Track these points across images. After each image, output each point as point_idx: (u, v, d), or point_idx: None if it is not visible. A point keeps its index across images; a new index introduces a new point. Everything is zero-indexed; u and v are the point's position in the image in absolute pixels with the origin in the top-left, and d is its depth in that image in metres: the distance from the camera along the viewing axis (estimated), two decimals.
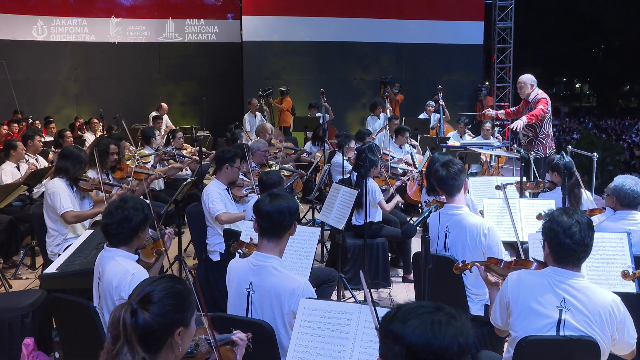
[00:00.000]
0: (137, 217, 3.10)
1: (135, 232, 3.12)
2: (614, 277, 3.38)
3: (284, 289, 2.80)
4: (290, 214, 2.90)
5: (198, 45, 14.54)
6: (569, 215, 2.62)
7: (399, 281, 5.96)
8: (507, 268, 2.95)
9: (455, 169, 3.80)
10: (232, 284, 3.02)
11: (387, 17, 13.97)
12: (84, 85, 14.02)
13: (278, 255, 2.93)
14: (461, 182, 3.83)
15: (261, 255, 2.91)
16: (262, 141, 7.16)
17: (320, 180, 6.66)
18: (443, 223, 3.77)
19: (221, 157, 5.20)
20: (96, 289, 3.14)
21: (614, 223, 3.95)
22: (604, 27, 33.00)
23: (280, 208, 2.87)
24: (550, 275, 2.62)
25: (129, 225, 3.08)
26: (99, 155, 5.56)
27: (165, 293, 1.91)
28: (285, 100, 12.32)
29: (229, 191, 5.17)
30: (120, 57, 14.06)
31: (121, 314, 1.85)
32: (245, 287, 2.90)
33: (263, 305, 2.86)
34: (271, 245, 2.91)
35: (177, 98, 14.72)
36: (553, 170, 5.20)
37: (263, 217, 2.88)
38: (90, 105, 13.63)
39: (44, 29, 13.57)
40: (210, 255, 5.12)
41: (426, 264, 3.02)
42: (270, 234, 2.90)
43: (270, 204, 2.88)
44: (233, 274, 3.03)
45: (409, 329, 1.53)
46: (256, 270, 2.89)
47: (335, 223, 5.06)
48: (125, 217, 3.07)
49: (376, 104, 10.81)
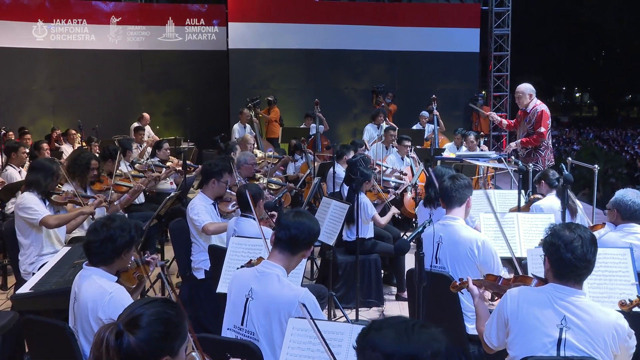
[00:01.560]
0: (123, 238, 3.08)
1: (118, 254, 3.10)
2: (617, 294, 3.36)
3: (283, 299, 2.83)
4: (310, 234, 2.97)
5: (182, 52, 14.53)
6: (571, 229, 2.65)
7: (393, 299, 5.97)
8: (505, 285, 2.97)
9: (462, 182, 3.94)
10: (231, 292, 3.04)
11: (380, 23, 14.07)
12: (61, 95, 13.96)
13: (286, 269, 2.97)
14: (463, 196, 3.93)
15: (268, 263, 2.96)
16: (249, 153, 7.17)
17: (309, 193, 6.67)
18: (437, 233, 3.84)
19: (208, 171, 5.20)
20: (72, 310, 3.12)
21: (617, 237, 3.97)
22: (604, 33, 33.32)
23: (301, 225, 2.94)
24: (550, 291, 2.64)
25: (113, 246, 3.07)
26: (79, 170, 5.52)
27: (154, 318, 1.89)
28: (272, 111, 12.35)
29: (215, 206, 5.17)
30: (100, 65, 13.99)
31: (105, 335, 1.83)
32: (244, 294, 2.93)
33: (259, 314, 2.87)
34: (281, 257, 2.96)
35: (160, 108, 14.69)
36: (540, 181, 5.36)
37: (282, 228, 2.96)
38: (68, 116, 13.54)
39: (18, 35, 13.50)
40: (195, 273, 5.11)
41: (420, 282, 3.03)
42: (284, 246, 2.96)
43: (293, 218, 2.96)
44: (235, 282, 3.05)
45: (384, 336, 1.70)
46: (260, 276, 2.93)
47: (326, 239, 5.07)
48: (110, 237, 3.06)
49: (378, 112, 10.92)
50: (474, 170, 8.22)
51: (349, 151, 7.60)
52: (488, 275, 3.10)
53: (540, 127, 6.92)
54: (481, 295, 3.12)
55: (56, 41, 13.80)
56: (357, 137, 9.71)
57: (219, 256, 4.23)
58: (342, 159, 7.47)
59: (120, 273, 3.23)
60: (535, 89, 7.18)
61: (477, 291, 3.11)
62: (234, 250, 3.95)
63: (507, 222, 4.71)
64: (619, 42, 33.64)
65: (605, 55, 40.52)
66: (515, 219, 4.74)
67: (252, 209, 4.16)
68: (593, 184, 7.53)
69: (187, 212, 5.09)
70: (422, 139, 10.76)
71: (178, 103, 14.46)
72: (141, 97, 14.56)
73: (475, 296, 3.12)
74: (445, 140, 10.92)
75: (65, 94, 13.97)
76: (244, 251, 3.85)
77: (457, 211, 3.93)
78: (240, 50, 13.70)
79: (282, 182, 7.65)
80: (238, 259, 3.77)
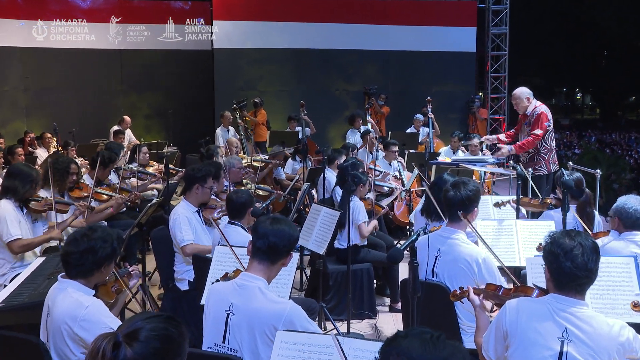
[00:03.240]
0: (104, 250, 3.06)
1: (98, 266, 3.08)
2: (621, 305, 3.39)
3: (268, 313, 2.82)
4: (289, 241, 2.97)
5: (164, 52, 14.50)
6: (571, 237, 2.66)
7: (386, 311, 5.97)
8: (506, 295, 2.98)
9: (467, 194, 3.85)
10: (210, 308, 3.02)
11: (372, 22, 14.12)
12: (35, 96, 13.87)
13: (266, 280, 2.96)
14: (469, 209, 3.85)
15: (248, 276, 2.94)
16: (237, 157, 7.18)
17: (299, 200, 6.68)
18: (435, 245, 3.82)
19: (191, 177, 5.18)
20: (44, 325, 3.09)
21: (620, 246, 4.00)
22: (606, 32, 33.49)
23: (280, 232, 2.93)
24: (550, 302, 2.65)
25: (93, 258, 3.04)
26: (58, 175, 5.48)
27: (154, 334, 1.87)
28: (259, 113, 12.34)
29: (199, 213, 5.16)
30: (77, 64, 13.92)
31: (103, 344, 1.82)
32: (224, 309, 2.91)
33: (242, 330, 2.86)
34: (261, 268, 2.95)
35: (141, 110, 14.66)
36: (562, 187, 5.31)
37: (260, 237, 2.94)
38: (43, 118, 13.48)
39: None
40: (178, 284, 5.09)
41: (415, 292, 3.04)
42: (263, 256, 2.95)
43: (270, 225, 2.95)
44: (213, 297, 3.03)
45: (410, 343, 1.76)
46: (240, 290, 2.91)
47: (316, 247, 5.07)
48: (91, 248, 3.04)
49: (354, 116, 10.95)
50: (471, 176, 8.24)
51: (341, 155, 7.62)
52: (489, 284, 3.12)
53: (536, 128, 6.95)
54: (482, 306, 3.12)
55: (30, 39, 13.69)
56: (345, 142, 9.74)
57: (204, 266, 4.22)
58: (334, 163, 7.48)
59: (98, 287, 3.20)
60: (532, 91, 7.22)
61: (479, 301, 3.12)
62: (220, 260, 3.93)
63: (505, 230, 4.72)
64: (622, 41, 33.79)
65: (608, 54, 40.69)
66: (514, 226, 4.75)
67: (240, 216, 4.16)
68: (595, 190, 7.58)
69: (169, 222, 5.07)
70: (416, 143, 10.77)
71: (160, 105, 14.42)
72: (121, 99, 14.52)
73: (477, 306, 3.12)
74: (441, 144, 10.95)
75: (40, 95, 13.88)
76: (230, 261, 3.84)
77: (460, 224, 3.88)
78: (226, 50, 13.70)
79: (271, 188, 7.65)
80: (224, 269, 3.75)
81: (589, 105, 56.14)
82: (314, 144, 11.08)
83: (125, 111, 13.67)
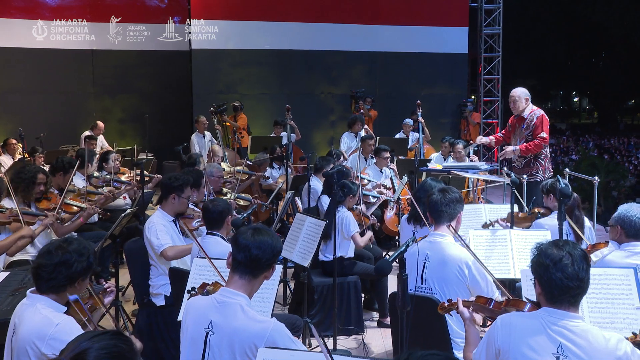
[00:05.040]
0: (79, 264, 3.04)
1: (72, 282, 3.05)
2: (621, 319, 3.39)
3: (250, 332, 2.81)
4: (273, 253, 2.95)
5: (139, 53, 14.47)
6: (559, 247, 2.69)
7: (374, 326, 5.98)
8: (497, 309, 3.00)
9: (452, 196, 3.98)
10: (187, 326, 3.00)
11: (359, 22, 14.18)
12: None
13: (248, 295, 2.95)
14: (454, 212, 3.98)
15: (228, 291, 2.93)
16: (216, 165, 7.18)
17: (282, 209, 6.69)
18: (422, 251, 3.87)
19: (168, 186, 5.18)
20: (9, 344, 3.05)
21: (620, 258, 4.01)
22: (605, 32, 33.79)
23: (262, 244, 2.92)
24: (542, 316, 2.67)
25: (67, 272, 3.02)
26: (23, 184, 5.43)
27: (104, 352, 1.86)
28: (239, 118, 12.32)
29: (176, 223, 5.16)
30: (45, 65, 13.85)
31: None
32: (203, 328, 2.90)
33: (222, 349, 2.85)
34: (242, 283, 2.94)
35: (115, 115, 14.60)
36: (548, 194, 5.34)
37: (241, 249, 2.92)
38: (7, 123, 13.38)
39: None
40: (154, 299, 5.07)
41: (404, 306, 3.05)
42: (245, 270, 2.94)
43: (252, 237, 2.93)
44: (191, 314, 3.01)
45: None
46: (220, 307, 2.90)
47: (300, 259, 5.08)
48: (65, 262, 3.01)
49: (355, 119, 10.93)
50: (463, 183, 8.30)
51: (329, 164, 7.61)
52: (478, 297, 3.13)
53: (540, 132, 7.02)
54: (472, 319, 3.14)
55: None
56: (333, 147, 9.72)
57: (181, 280, 4.21)
58: (321, 172, 7.49)
59: (69, 303, 3.19)
60: (530, 94, 7.30)
61: (468, 314, 3.13)
62: (198, 273, 3.92)
63: (499, 240, 4.75)
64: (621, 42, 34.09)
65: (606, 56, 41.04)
66: (508, 237, 4.77)
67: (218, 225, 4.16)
68: (593, 197, 7.64)
69: (144, 231, 5.06)
70: (405, 149, 10.82)
71: (135, 109, 14.39)
72: (93, 103, 14.46)
73: (466, 319, 3.14)
74: (431, 150, 11.00)
75: (4, 98, 13.76)
76: (209, 273, 3.84)
77: (446, 228, 3.96)
78: (205, 51, 13.70)
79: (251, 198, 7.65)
80: None
81: (587, 108, 56.65)
82: (300, 150, 11.09)
83: (97, 115, 13.61)
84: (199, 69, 13.76)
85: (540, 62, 36.84)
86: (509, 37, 15.89)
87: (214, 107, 11.85)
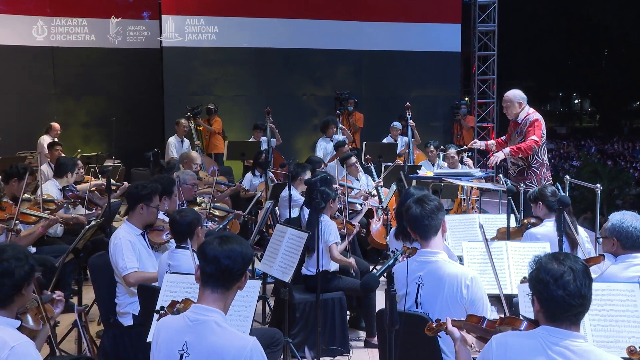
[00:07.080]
0: (21, 269, 3.05)
1: (18, 290, 3.06)
2: (626, 338, 3.40)
3: (227, 350, 2.80)
4: (244, 261, 2.94)
5: (105, 51, 14.37)
6: (559, 261, 2.67)
7: (361, 346, 5.98)
8: (490, 328, 3.00)
9: (432, 205, 3.81)
10: (159, 348, 2.98)
11: (344, 18, 14.20)
12: None
13: (222, 310, 2.94)
14: (438, 222, 3.83)
15: (201, 308, 2.92)
16: (190, 172, 7.15)
17: (261, 220, 6.67)
18: (415, 273, 3.77)
19: (134, 195, 5.15)
20: None
21: (620, 271, 4.03)
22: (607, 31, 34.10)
23: (232, 253, 2.90)
24: (542, 335, 2.66)
25: (11, 281, 3.02)
26: None
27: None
28: (214, 121, 12.29)
29: (144, 236, 5.13)
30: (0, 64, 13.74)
31: None
32: (177, 349, 2.88)
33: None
34: (215, 297, 2.93)
35: (79, 118, 14.48)
36: (536, 202, 5.40)
37: (209, 262, 2.90)
38: None
39: None
40: (120, 319, 5.04)
41: (392, 324, 3.05)
42: (216, 283, 2.92)
43: (220, 246, 2.91)
44: (162, 335, 3.00)
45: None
46: (194, 326, 2.88)
47: (280, 274, 5.07)
48: (5, 271, 3.01)
49: (328, 122, 10.92)
50: (456, 191, 8.33)
51: (305, 171, 7.59)
52: (470, 316, 3.12)
53: (532, 134, 7.06)
54: (463, 339, 3.14)
55: None
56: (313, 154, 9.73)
57: (151, 297, 4.19)
58: (297, 180, 7.48)
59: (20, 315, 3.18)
60: (526, 96, 7.34)
61: (458, 334, 3.13)
62: (169, 290, 3.92)
63: (495, 253, 4.74)
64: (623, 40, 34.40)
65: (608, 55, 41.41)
66: (505, 249, 4.79)
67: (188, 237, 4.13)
68: (596, 207, 7.67)
69: (109, 247, 5.02)
70: (394, 154, 10.79)
71: (101, 112, 14.26)
72: (54, 105, 14.30)
73: (457, 340, 3.13)
74: (422, 156, 11.00)
75: None
76: (181, 290, 3.83)
77: (436, 242, 3.83)
78: (177, 49, 13.65)
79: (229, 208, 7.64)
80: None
81: (588, 111, 57.16)
82: (280, 156, 11.07)
83: (59, 118, 13.42)
84: (171, 69, 13.70)
85: (539, 61, 37.00)
86: (504, 34, 16.00)
87: (189, 109, 11.79)
